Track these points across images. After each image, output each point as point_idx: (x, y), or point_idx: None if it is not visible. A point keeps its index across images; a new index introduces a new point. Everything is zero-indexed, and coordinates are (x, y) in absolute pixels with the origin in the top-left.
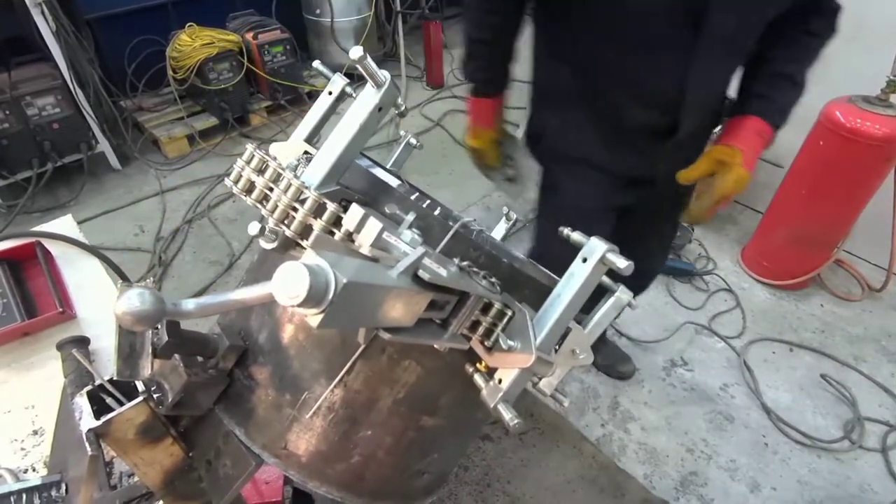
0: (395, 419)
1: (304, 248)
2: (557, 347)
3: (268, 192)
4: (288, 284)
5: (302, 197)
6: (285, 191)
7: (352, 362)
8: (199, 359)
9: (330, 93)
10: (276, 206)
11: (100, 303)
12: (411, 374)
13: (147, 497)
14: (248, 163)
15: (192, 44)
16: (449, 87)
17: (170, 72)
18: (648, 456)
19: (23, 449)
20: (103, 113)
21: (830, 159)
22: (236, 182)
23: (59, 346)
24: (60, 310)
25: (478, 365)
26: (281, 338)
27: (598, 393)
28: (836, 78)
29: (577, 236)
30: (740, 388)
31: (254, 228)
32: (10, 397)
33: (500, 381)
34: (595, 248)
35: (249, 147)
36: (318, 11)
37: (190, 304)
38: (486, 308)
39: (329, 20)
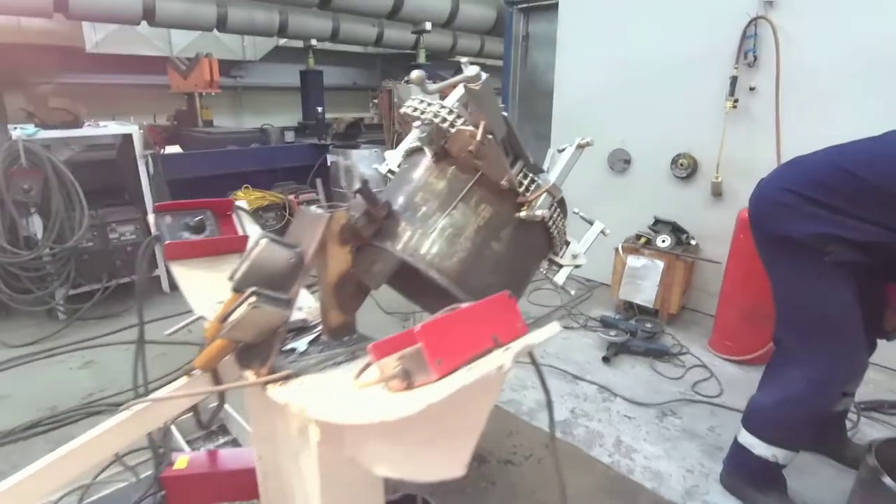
0: (478, 238)
1: None
2: (563, 251)
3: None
4: None
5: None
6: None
7: (455, 202)
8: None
9: None
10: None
11: None
12: (487, 212)
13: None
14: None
15: (247, 197)
16: None
17: None
18: (653, 475)
19: None
20: None
21: (751, 247)
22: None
23: None
24: None
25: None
26: (413, 195)
27: (601, 433)
28: None
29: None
30: (726, 428)
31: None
32: None
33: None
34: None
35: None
36: (343, 184)
37: None
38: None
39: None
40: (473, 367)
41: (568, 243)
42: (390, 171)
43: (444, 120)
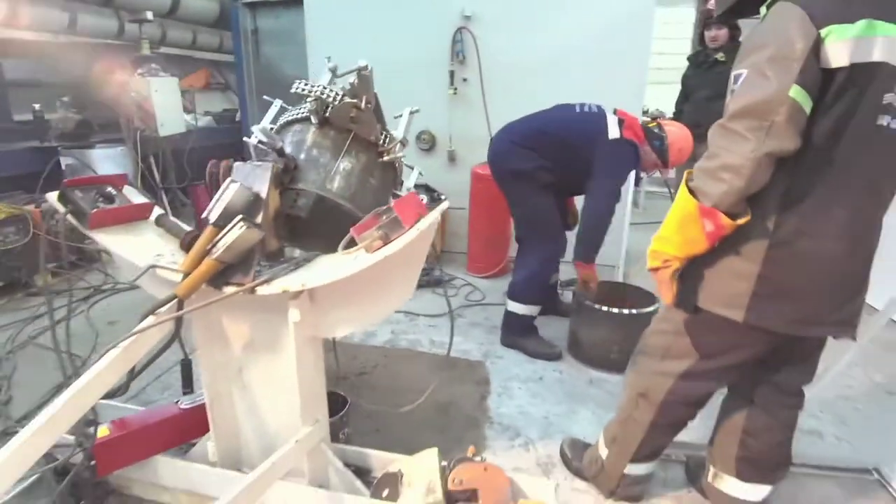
0: (362, 176)
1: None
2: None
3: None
4: None
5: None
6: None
7: (342, 153)
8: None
9: None
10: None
11: None
12: (363, 158)
13: None
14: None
15: None
16: None
17: None
18: (463, 352)
19: None
20: None
21: (484, 193)
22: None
23: None
24: None
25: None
26: (310, 150)
27: (418, 339)
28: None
29: None
30: (494, 317)
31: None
32: None
33: None
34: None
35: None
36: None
37: None
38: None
39: None
40: (416, 228)
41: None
42: (260, 143)
43: (328, 96)
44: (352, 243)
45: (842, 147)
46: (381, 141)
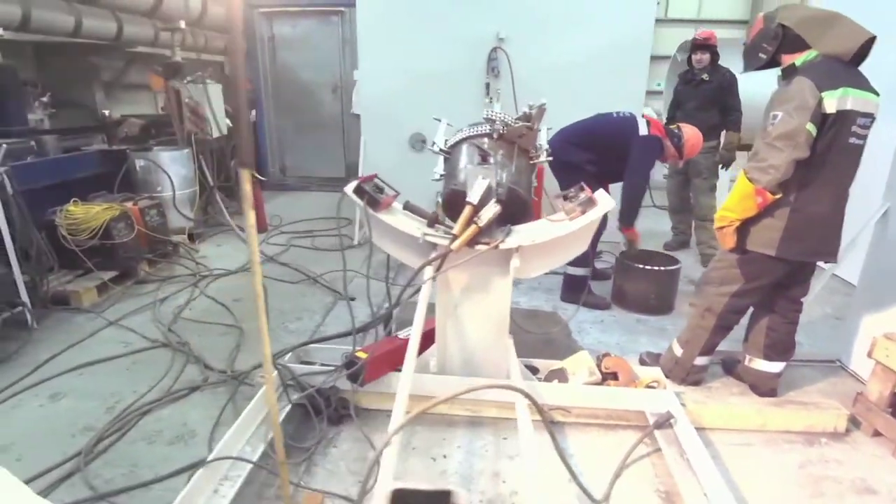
0: (525, 173)
1: None
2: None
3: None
4: None
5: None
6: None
7: (514, 158)
8: None
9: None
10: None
11: None
12: (523, 162)
13: None
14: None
15: (88, 211)
16: (270, 232)
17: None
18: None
19: None
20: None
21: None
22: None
23: None
24: None
25: None
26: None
27: None
28: None
29: None
30: (553, 283)
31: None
32: None
33: None
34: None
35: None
36: (159, 188)
37: None
38: None
39: (171, 194)
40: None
41: None
42: (442, 150)
43: (507, 122)
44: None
45: (830, 155)
46: (533, 151)
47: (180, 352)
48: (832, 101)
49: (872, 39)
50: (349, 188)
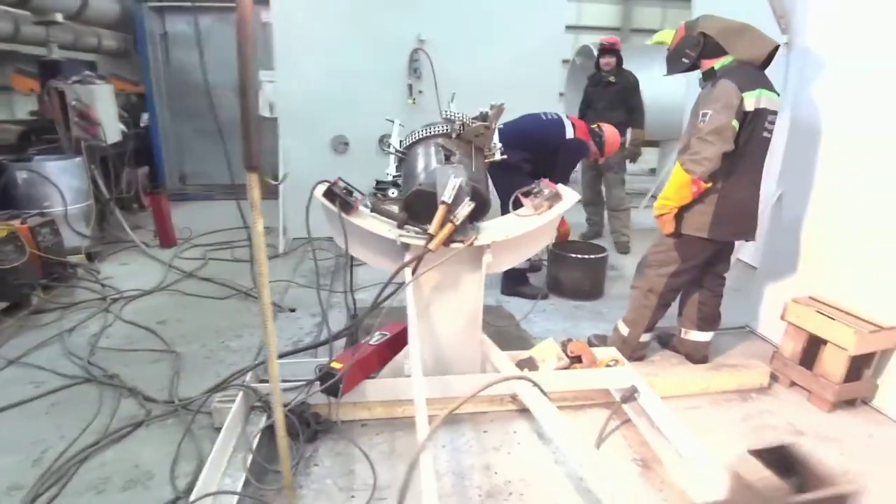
0: (482, 170)
1: None
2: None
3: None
4: None
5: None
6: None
7: (473, 157)
8: None
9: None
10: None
11: None
12: (480, 160)
13: None
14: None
15: None
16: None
17: None
18: None
19: None
20: None
21: None
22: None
23: None
24: None
25: None
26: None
27: None
28: None
29: None
30: None
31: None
32: None
33: None
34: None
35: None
36: (47, 204)
37: None
38: None
39: (62, 209)
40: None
41: None
42: (397, 151)
43: (465, 122)
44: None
45: (749, 147)
46: (488, 150)
47: (109, 385)
48: (751, 101)
49: (777, 48)
50: (318, 192)
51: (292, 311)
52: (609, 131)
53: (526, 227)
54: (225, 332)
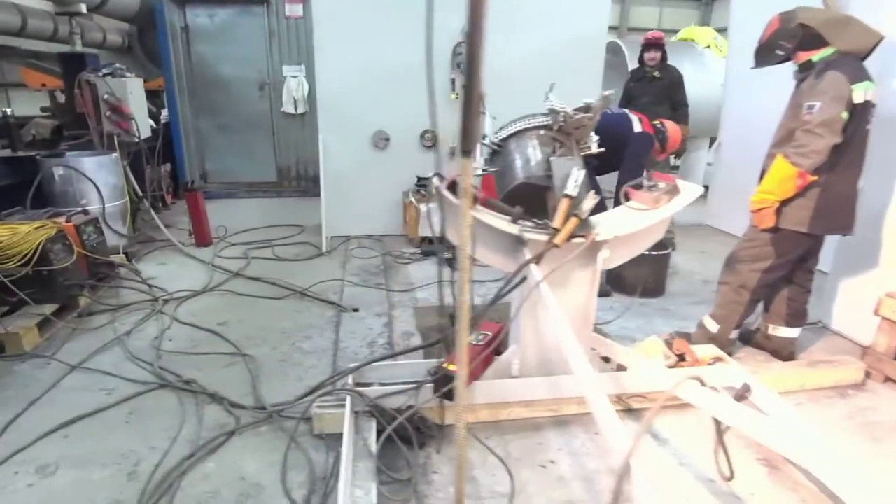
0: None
1: None
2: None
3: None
4: None
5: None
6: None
7: (574, 148)
8: None
9: None
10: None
11: None
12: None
13: None
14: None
15: (14, 233)
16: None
17: None
18: None
19: None
20: None
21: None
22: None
23: None
24: None
25: None
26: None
27: None
28: None
29: None
30: None
31: None
32: None
33: None
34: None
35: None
36: (84, 201)
37: None
38: None
39: (99, 207)
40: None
41: None
42: (494, 143)
43: (569, 113)
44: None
45: (854, 140)
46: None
47: (187, 391)
48: (860, 93)
49: (881, 40)
50: (441, 186)
51: (356, 311)
52: (672, 127)
53: (646, 222)
54: (292, 334)
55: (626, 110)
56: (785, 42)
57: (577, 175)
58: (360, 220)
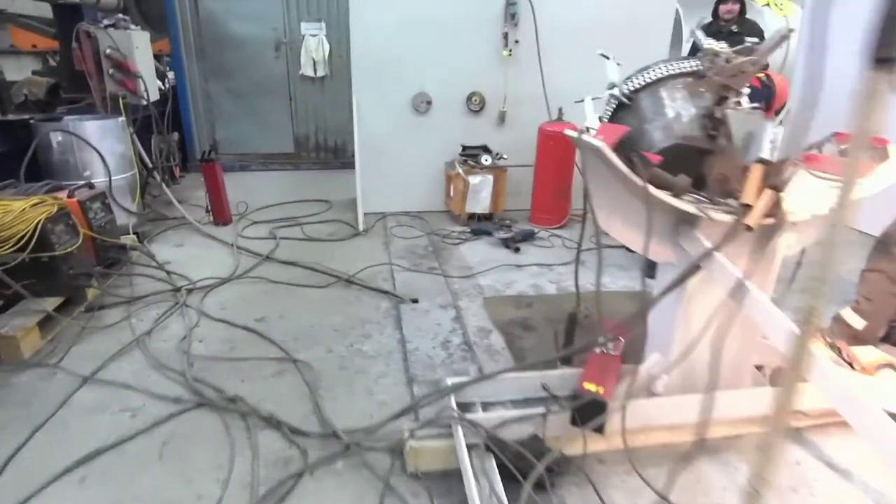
0: None
1: None
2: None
3: None
4: None
5: None
6: None
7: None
8: None
9: None
10: None
11: None
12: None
13: None
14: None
15: (7, 210)
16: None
17: None
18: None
19: None
20: None
21: (549, 150)
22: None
23: None
24: None
25: None
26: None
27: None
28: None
29: None
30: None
31: None
32: None
33: None
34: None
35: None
36: (87, 173)
37: None
38: None
39: (105, 180)
40: None
41: None
42: (624, 95)
43: (729, 56)
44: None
45: None
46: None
47: (232, 411)
48: None
49: None
50: (603, 146)
51: (415, 301)
52: (778, 79)
53: (873, 189)
54: (346, 332)
55: None
56: None
57: (773, 134)
58: (397, 194)
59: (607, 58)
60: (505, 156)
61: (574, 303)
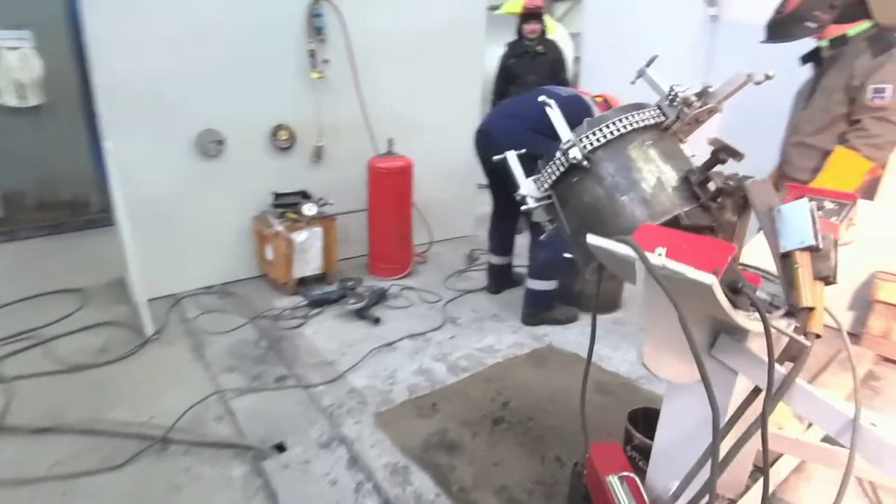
0: None
1: None
2: None
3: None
4: None
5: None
6: None
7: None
8: None
9: None
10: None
11: None
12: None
13: None
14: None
15: None
16: None
17: None
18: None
19: None
20: None
21: (385, 191)
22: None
23: None
24: None
25: None
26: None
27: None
28: None
29: None
30: (486, 309)
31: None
32: None
33: None
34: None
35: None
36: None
37: None
38: None
39: None
40: None
41: None
42: (585, 157)
43: (689, 101)
44: None
45: None
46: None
47: None
48: None
49: None
50: (718, 290)
51: (281, 449)
52: (615, 104)
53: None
54: None
55: (575, 92)
56: (819, 13)
57: (813, 208)
58: (191, 265)
59: (550, 106)
60: (331, 201)
61: (561, 446)
